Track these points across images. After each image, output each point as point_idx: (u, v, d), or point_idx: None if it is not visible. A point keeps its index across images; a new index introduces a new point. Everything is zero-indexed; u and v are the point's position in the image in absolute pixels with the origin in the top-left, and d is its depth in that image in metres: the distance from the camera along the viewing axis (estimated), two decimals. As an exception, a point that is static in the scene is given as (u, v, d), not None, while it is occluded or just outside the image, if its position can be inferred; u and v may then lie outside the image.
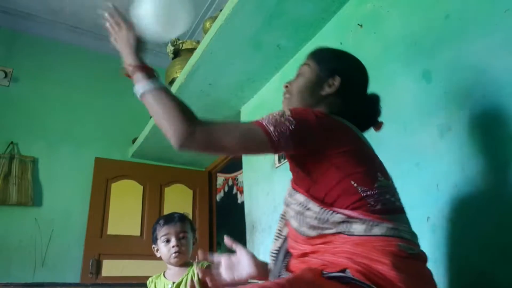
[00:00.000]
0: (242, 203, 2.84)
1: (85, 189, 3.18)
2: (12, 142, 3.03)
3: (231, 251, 1.15)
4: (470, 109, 1.28)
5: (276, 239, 1.08)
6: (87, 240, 3.02)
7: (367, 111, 1.08)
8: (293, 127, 0.88)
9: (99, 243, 3.05)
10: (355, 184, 0.89)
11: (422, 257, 0.92)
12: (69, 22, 3.50)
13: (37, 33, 3.44)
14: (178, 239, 1.61)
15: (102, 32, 3.63)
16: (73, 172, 3.20)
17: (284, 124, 0.88)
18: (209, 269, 1.58)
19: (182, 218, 1.67)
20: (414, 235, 0.93)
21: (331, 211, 0.89)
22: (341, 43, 1.94)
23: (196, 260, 1.20)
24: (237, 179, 4.11)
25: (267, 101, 2.55)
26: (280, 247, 1.05)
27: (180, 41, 3.03)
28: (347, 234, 0.87)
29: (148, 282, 1.70)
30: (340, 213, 0.88)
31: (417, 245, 0.92)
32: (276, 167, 2.32)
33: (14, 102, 3.17)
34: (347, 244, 0.86)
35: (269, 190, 2.38)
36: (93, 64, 3.62)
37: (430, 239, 1.28)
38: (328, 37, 2.05)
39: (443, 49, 1.41)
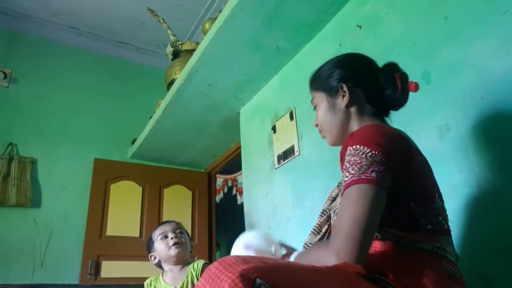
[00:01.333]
0: (242, 204, 2.84)
1: (84, 190, 3.17)
2: (11, 143, 3.03)
3: (230, 253, 1.14)
4: (469, 110, 1.28)
5: (313, 234, 1.04)
6: (86, 241, 3.01)
7: (391, 90, 1.01)
8: (382, 157, 0.81)
9: (98, 244, 3.04)
10: (414, 205, 0.86)
11: (463, 283, 0.88)
12: (68, 23, 3.50)
13: (36, 34, 3.44)
14: (176, 233, 1.62)
15: (101, 33, 3.64)
16: (72, 173, 3.19)
17: (375, 161, 0.81)
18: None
19: (178, 222, 1.72)
20: (457, 259, 0.90)
21: (378, 230, 0.84)
22: (340, 44, 1.95)
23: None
24: (237, 180, 4.11)
25: (266, 102, 2.55)
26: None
27: (180, 42, 3.03)
28: (392, 242, 0.84)
29: (146, 283, 1.66)
30: (390, 232, 0.85)
31: (459, 269, 0.88)
32: (276, 168, 2.32)
33: (13, 103, 3.17)
34: (391, 252, 0.83)
35: (268, 191, 2.38)
36: (93, 65, 3.62)
37: (430, 241, 1.28)
38: (328, 38, 2.06)
39: (442, 50, 1.41)
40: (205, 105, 2.73)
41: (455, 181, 1.28)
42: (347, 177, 0.83)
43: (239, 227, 3.00)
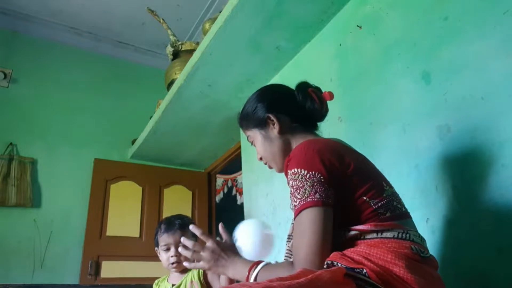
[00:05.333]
0: (242, 204, 2.84)
1: (84, 190, 3.17)
2: (11, 143, 3.03)
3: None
4: (469, 111, 1.28)
5: (287, 259, 1.10)
6: (86, 241, 3.01)
7: (309, 103, 1.11)
8: (321, 176, 0.89)
9: (98, 244, 3.04)
10: (367, 199, 0.92)
11: (434, 263, 0.93)
12: (68, 24, 3.50)
13: (36, 34, 3.44)
14: (178, 248, 1.59)
15: (101, 33, 3.63)
16: (72, 173, 3.19)
17: (315, 182, 0.88)
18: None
19: (182, 225, 1.63)
20: (423, 240, 0.95)
21: (343, 231, 0.91)
22: (340, 45, 1.95)
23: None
24: (237, 180, 4.10)
25: (266, 102, 2.55)
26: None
27: (180, 43, 3.03)
28: (360, 239, 0.90)
29: (154, 284, 1.70)
30: (353, 229, 0.90)
31: (428, 250, 0.93)
32: (276, 168, 2.32)
33: (13, 103, 3.17)
34: (362, 245, 0.87)
35: (268, 191, 2.38)
36: (92, 65, 3.62)
37: (430, 240, 1.28)
38: (327, 38, 2.06)
39: (442, 51, 1.41)
40: (205, 105, 2.73)
41: (455, 181, 1.28)
42: (295, 202, 0.91)
43: (239, 227, 3.00)
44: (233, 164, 3.65)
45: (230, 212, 4.36)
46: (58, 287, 2.57)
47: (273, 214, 2.29)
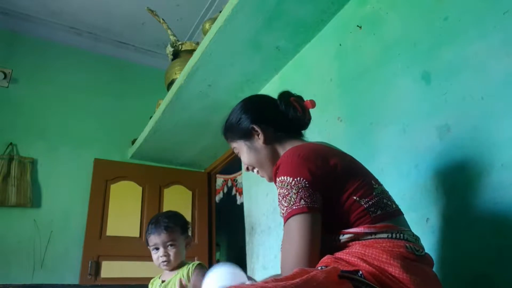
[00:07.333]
0: (241, 204, 2.84)
1: (84, 190, 3.17)
2: (11, 143, 3.03)
3: (230, 253, 1.14)
4: (469, 111, 1.28)
5: None
6: (86, 241, 3.01)
7: (292, 112, 1.13)
8: (305, 182, 0.90)
9: (98, 244, 3.04)
10: (357, 198, 0.92)
11: (429, 261, 0.94)
12: (68, 24, 3.50)
13: (36, 34, 3.44)
14: (166, 247, 1.60)
15: (101, 33, 3.62)
16: (72, 173, 3.19)
17: (299, 188, 0.89)
18: (200, 270, 1.57)
19: (168, 226, 1.61)
20: (417, 238, 0.95)
21: (337, 236, 0.91)
22: (340, 45, 1.95)
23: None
24: (236, 180, 4.10)
25: (266, 102, 2.55)
26: None
27: (180, 43, 3.03)
28: (354, 241, 0.90)
29: (149, 283, 1.71)
30: (347, 233, 0.90)
31: (423, 248, 0.93)
32: (276, 168, 2.32)
33: (13, 103, 3.17)
34: (357, 246, 0.88)
35: (268, 191, 2.38)
36: (92, 65, 3.62)
37: (430, 240, 1.28)
38: (327, 38, 2.06)
39: (442, 51, 1.41)
40: (205, 105, 2.73)
41: (455, 181, 1.28)
42: (283, 210, 0.92)
43: (239, 227, 3.01)
44: (233, 164, 3.65)
45: (230, 212, 4.36)
46: (58, 287, 2.57)
47: (273, 214, 2.29)
